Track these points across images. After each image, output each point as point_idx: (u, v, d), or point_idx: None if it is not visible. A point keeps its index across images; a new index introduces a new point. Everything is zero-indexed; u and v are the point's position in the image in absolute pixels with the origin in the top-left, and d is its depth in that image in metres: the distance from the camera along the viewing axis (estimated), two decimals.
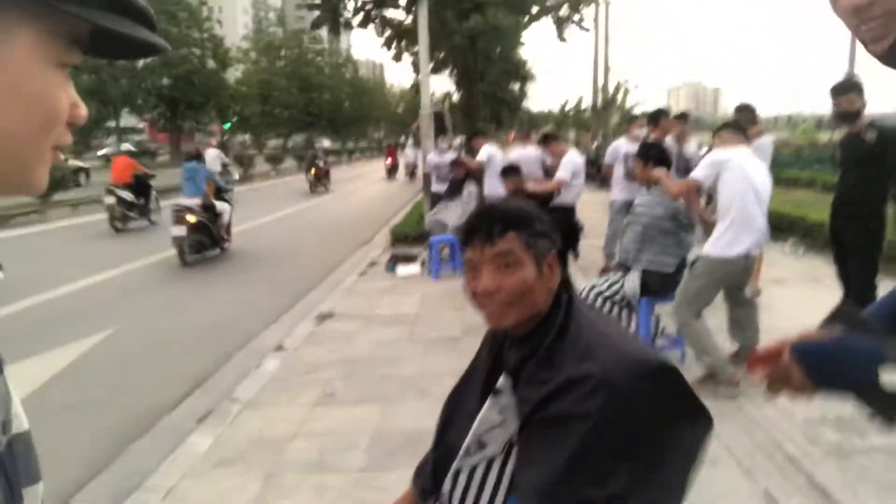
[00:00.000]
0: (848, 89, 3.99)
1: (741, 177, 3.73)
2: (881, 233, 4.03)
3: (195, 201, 9.09)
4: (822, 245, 7.69)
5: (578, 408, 1.09)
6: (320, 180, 20.49)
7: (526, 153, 7.50)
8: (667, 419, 1.13)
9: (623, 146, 7.16)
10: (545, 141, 6.64)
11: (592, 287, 4.30)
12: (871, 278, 4.07)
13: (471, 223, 1.29)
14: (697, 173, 3.85)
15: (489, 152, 8.26)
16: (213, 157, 12.78)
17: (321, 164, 20.78)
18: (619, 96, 32.36)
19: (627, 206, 6.94)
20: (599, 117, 25.55)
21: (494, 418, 1.28)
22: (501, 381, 1.27)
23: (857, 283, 4.10)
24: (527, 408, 1.18)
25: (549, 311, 1.26)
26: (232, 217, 9.99)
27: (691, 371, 4.04)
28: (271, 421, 3.89)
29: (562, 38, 13.08)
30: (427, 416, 3.82)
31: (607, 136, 23.32)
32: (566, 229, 6.07)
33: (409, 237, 9.83)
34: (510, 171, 6.25)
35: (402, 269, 7.81)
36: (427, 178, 9.61)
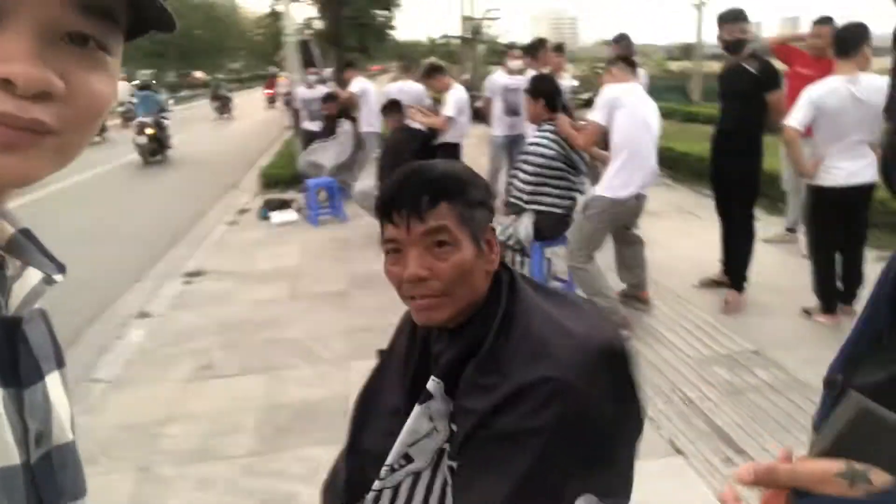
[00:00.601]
0: (738, 19, 3.97)
1: (633, 114, 3.64)
2: (759, 165, 4.12)
3: (149, 119, 12.57)
4: (689, 176, 8.04)
5: (531, 421, 0.90)
6: (225, 105, 23.72)
7: (407, 88, 7.10)
8: (620, 409, 0.98)
9: (501, 79, 6.94)
10: (430, 74, 6.26)
11: None
12: (751, 212, 4.18)
13: (390, 193, 1.02)
14: (597, 115, 3.71)
15: (362, 85, 7.78)
16: (123, 89, 15.78)
17: (224, 92, 24.35)
18: (487, 25, 32.11)
19: (509, 143, 6.82)
20: (468, 48, 25.25)
21: (423, 427, 1.07)
22: (431, 385, 1.04)
23: (738, 217, 4.20)
24: (469, 422, 0.97)
25: (486, 297, 1.04)
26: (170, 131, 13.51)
27: None
28: (141, 402, 3.45)
29: None
30: (319, 384, 3.58)
31: (476, 68, 23.16)
32: None
33: (280, 180, 9.22)
34: (392, 107, 5.86)
35: (278, 216, 7.27)
36: (297, 114, 8.96)
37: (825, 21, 4.70)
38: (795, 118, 3.62)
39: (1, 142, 0.43)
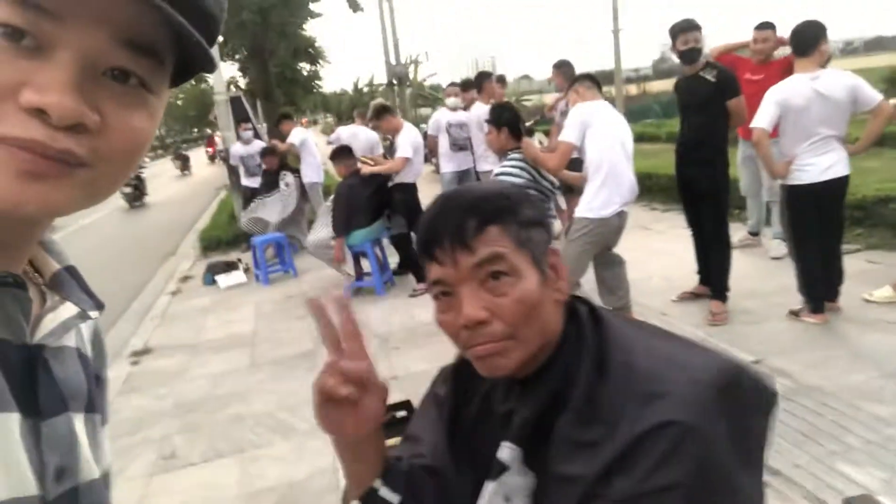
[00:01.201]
0: (692, 27, 3.92)
1: (607, 132, 3.51)
2: (727, 172, 4.06)
3: None
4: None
5: (658, 478, 0.71)
6: (186, 164, 26.87)
7: (359, 133, 6.89)
8: (754, 426, 0.80)
9: (444, 116, 6.85)
10: (379, 115, 6.06)
11: None
12: (725, 220, 4.09)
13: (428, 226, 0.85)
14: (568, 135, 3.56)
15: (301, 136, 7.53)
16: None
17: (184, 152, 28.30)
18: (411, 70, 32.50)
19: (458, 178, 6.67)
20: (394, 93, 25.44)
21: None
22: (505, 453, 0.84)
23: (711, 227, 4.11)
24: (575, 492, 0.75)
25: (562, 334, 0.85)
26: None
27: None
28: None
29: (355, 8, 12.47)
30: (300, 460, 3.19)
31: (406, 111, 23.30)
32: (411, 210, 5.59)
33: (221, 242, 8.79)
34: (342, 153, 5.60)
35: (225, 280, 6.84)
36: (234, 172, 8.59)
37: (767, 26, 4.80)
38: (762, 119, 3.57)
39: (27, 170, 0.43)
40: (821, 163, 3.57)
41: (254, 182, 7.95)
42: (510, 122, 3.70)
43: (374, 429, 0.88)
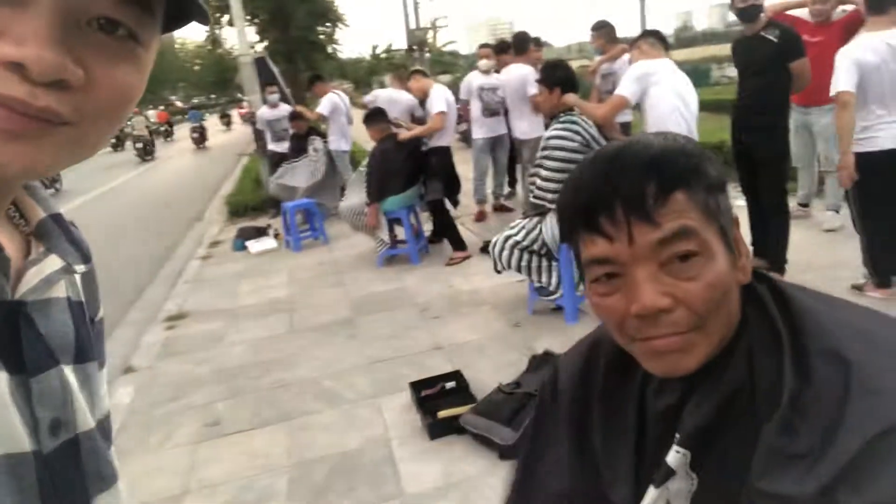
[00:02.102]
0: None
1: (671, 91, 3.33)
2: (788, 139, 3.87)
3: (198, 124, 23.87)
4: None
5: None
6: (229, 121, 32.76)
7: (397, 96, 6.73)
8: None
9: (476, 80, 6.63)
10: (410, 76, 5.89)
11: (507, 237, 3.75)
12: (785, 189, 3.92)
13: (591, 190, 0.67)
14: (624, 89, 3.37)
15: (332, 101, 7.36)
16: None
17: (228, 112, 33.20)
18: (431, 35, 32.01)
19: (490, 144, 6.50)
20: (413, 59, 25.09)
21: None
22: (674, 458, 0.71)
23: (770, 196, 3.93)
24: None
25: (743, 319, 0.70)
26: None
27: None
28: (147, 475, 2.94)
29: None
30: (350, 430, 3.12)
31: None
32: (447, 175, 5.44)
33: (248, 208, 8.71)
34: (375, 116, 5.43)
35: (256, 245, 6.76)
36: (260, 136, 8.47)
37: None
38: (846, 82, 3.31)
39: (7, 128, 0.40)
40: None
41: (281, 147, 7.83)
42: (564, 80, 3.50)
43: None
